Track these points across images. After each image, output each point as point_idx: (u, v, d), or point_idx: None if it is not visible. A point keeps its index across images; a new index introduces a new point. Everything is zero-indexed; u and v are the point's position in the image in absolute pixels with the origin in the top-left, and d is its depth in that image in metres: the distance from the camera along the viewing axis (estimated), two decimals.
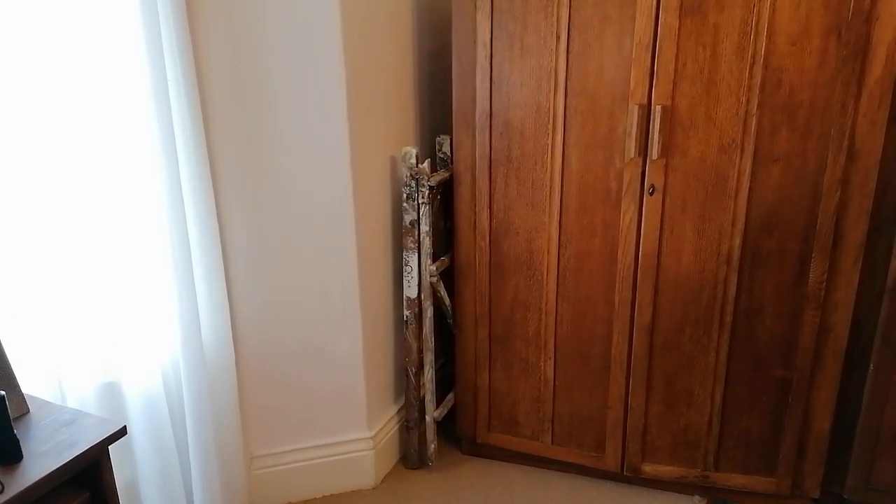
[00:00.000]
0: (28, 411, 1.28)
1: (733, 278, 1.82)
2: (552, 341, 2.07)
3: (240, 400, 1.98)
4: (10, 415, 1.16)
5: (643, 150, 1.80)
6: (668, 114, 1.75)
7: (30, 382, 1.52)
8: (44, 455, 1.14)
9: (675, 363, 1.94)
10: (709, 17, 1.67)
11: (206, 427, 1.84)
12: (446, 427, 2.37)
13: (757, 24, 1.64)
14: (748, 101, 1.69)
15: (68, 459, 1.13)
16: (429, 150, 2.32)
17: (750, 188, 1.75)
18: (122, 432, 1.22)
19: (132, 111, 1.60)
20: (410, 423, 2.27)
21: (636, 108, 1.76)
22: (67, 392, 1.63)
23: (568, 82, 1.83)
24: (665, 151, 1.78)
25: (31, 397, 1.32)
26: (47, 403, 1.31)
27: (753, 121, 1.70)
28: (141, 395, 1.76)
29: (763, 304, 1.82)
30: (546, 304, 2.04)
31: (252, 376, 2.02)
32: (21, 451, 1.13)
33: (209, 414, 1.84)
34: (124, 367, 1.72)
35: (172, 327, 1.76)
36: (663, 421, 2.01)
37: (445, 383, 2.41)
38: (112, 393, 1.73)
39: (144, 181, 1.65)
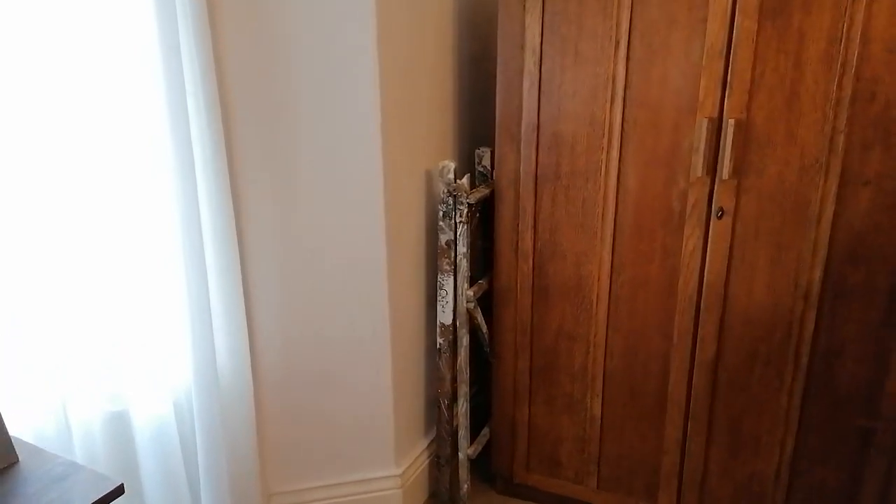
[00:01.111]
0: (17, 461, 1.13)
1: (811, 314, 1.61)
2: (600, 376, 1.87)
3: (258, 432, 1.82)
4: None
5: (712, 168, 1.60)
6: (743, 128, 1.56)
7: (34, 411, 1.41)
8: None
9: (740, 406, 1.74)
10: (793, 20, 1.47)
11: (220, 460, 1.69)
12: (480, 463, 2.19)
13: (849, 29, 1.44)
14: (835, 116, 1.49)
15: None
16: (468, 163, 2.14)
17: (834, 214, 1.54)
18: (120, 491, 1.05)
19: (147, 123, 1.46)
20: (442, 459, 2.09)
21: (705, 121, 1.57)
22: (73, 421, 1.50)
23: (627, 92, 1.64)
24: (737, 171, 1.58)
25: (21, 443, 1.17)
26: (39, 451, 1.15)
27: (841, 138, 1.49)
28: (151, 426, 1.62)
29: (845, 343, 1.61)
30: (595, 336, 1.85)
31: (272, 407, 1.86)
32: None
33: (223, 446, 1.69)
34: (134, 396, 1.58)
35: (185, 353, 1.61)
36: (725, 469, 1.80)
37: (480, 414, 2.22)
38: (120, 423, 1.60)
39: (159, 198, 1.52)
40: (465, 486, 2.08)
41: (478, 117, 2.17)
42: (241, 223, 1.68)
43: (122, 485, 1.05)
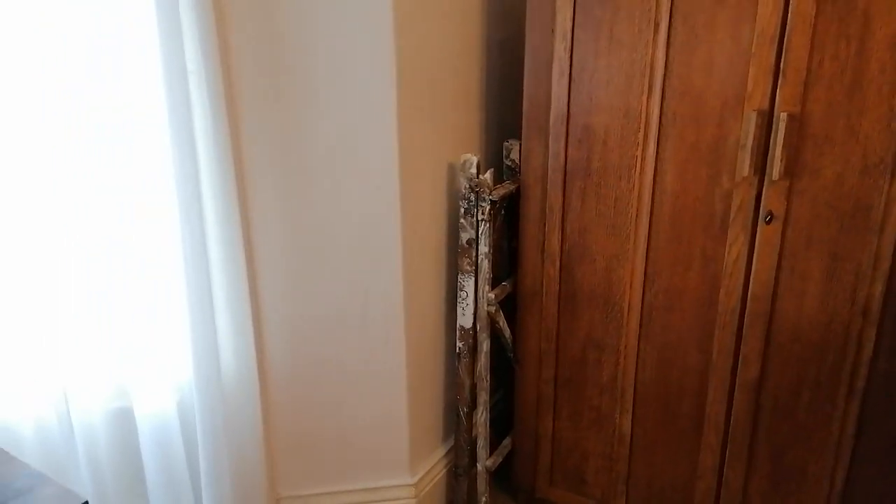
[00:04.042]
0: None
1: (870, 333, 1.43)
2: (631, 391, 1.73)
3: (265, 434, 1.74)
4: None
5: (760, 167, 1.43)
6: (797, 123, 1.38)
7: (35, 404, 1.39)
8: None
9: (786, 433, 1.57)
10: (857, 2, 1.29)
11: (221, 460, 1.63)
12: (501, 475, 2.07)
13: None
14: None
15: None
16: (494, 157, 2.01)
17: None
18: None
19: (138, 104, 1.39)
20: (459, 469, 1.98)
21: (754, 114, 1.40)
22: (74, 416, 1.46)
23: (666, 81, 1.48)
24: (790, 171, 1.41)
25: None
26: (10, 459, 1.08)
27: None
28: (154, 423, 1.57)
29: None
30: (626, 347, 1.70)
31: (280, 408, 1.78)
32: None
33: (225, 446, 1.63)
34: (136, 391, 1.53)
35: (187, 350, 1.54)
36: (766, 500, 1.64)
37: (501, 423, 2.10)
38: (123, 419, 1.56)
39: (161, 189, 1.45)
40: (484, 498, 1.97)
41: (507, 107, 2.03)
42: (247, 216, 1.60)
43: (87, 502, 0.97)
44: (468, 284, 1.81)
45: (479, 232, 1.76)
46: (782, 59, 1.36)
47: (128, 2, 1.33)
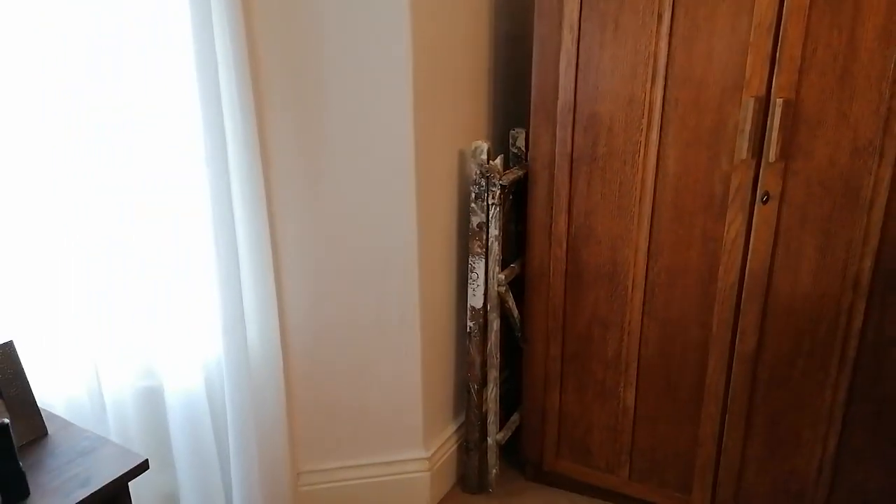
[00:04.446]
0: (46, 433, 1.14)
1: (861, 305, 1.53)
2: (634, 365, 1.82)
3: (287, 410, 1.82)
4: (22, 440, 1.01)
5: (757, 150, 1.53)
6: (791, 108, 1.47)
7: (67, 383, 1.43)
8: (54, 492, 0.99)
9: (781, 401, 1.67)
10: None
11: (250, 437, 1.70)
12: (510, 449, 2.16)
13: None
14: (892, 96, 1.40)
15: (80, 499, 0.98)
16: (502, 144, 2.09)
17: (888, 200, 1.45)
18: (144, 466, 1.06)
19: (179, 102, 1.45)
20: (470, 443, 2.07)
21: (752, 100, 1.49)
22: (106, 394, 1.52)
23: (669, 69, 1.57)
24: (785, 153, 1.50)
25: (52, 416, 1.18)
26: (68, 424, 1.16)
27: None
28: (182, 400, 1.64)
29: (895, 338, 1.53)
30: (629, 324, 1.79)
31: (301, 386, 1.86)
32: (27, 487, 0.99)
33: (253, 423, 1.70)
34: (165, 370, 1.59)
35: (216, 329, 1.62)
36: (763, 465, 1.74)
37: (510, 399, 2.19)
38: (152, 396, 1.62)
39: (191, 175, 1.51)
40: (494, 471, 2.06)
41: (513, 97, 2.12)
42: (272, 202, 1.67)
43: (147, 460, 1.05)
44: (479, 266, 1.89)
45: (490, 216, 1.84)
46: (778, 49, 1.45)
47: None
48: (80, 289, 1.43)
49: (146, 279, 1.52)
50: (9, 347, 1.12)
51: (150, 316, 1.56)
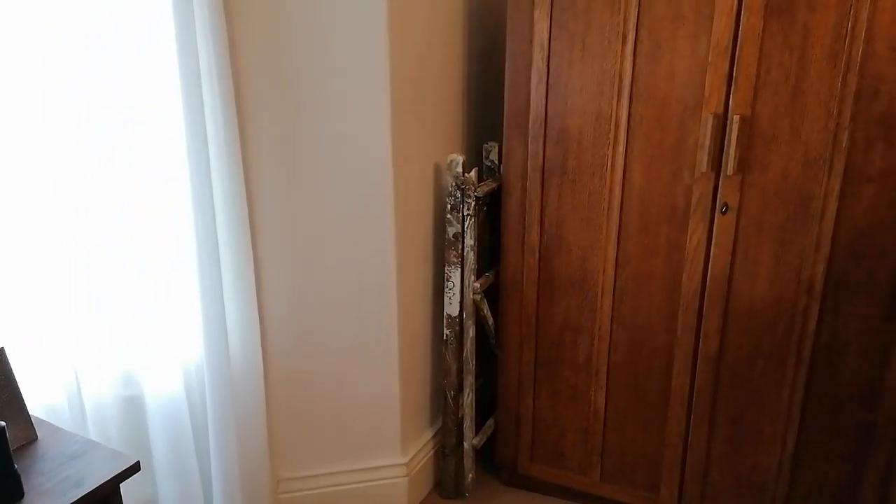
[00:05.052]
0: (36, 438, 1.17)
1: (814, 309, 1.63)
2: (604, 369, 1.90)
3: (267, 418, 1.85)
4: (13, 445, 1.04)
5: (716, 164, 1.62)
6: (748, 125, 1.57)
7: (48, 390, 1.43)
8: (48, 493, 1.02)
9: (743, 400, 1.76)
10: (798, 17, 1.49)
11: (230, 444, 1.73)
12: (485, 453, 2.22)
13: (853, 27, 1.45)
14: (839, 113, 1.50)
15: (74, 500, 1.01)
16: (476, 157, 2.17)
17: (838, 210, 1.56)
18: (135, 468, 1.09)
19: (162, 107, 1.49)
20: (447, 448, 2.12)
21: (710, 117, 1.59)
22: (86, 400, 1.54)
23: (633, 87, 1.66)
24: (742, 166, 1.60)
25: (40, 421, 1.21)
26: (57, 430, 1.19)
27: (845, 135, 1.51)
28: (163, 407, 1.66)
29: (847, 339, 1.63)
30: (599, 329, 1.87)
31: (280, 393, 1.89)
32: (22, 488, 1.02)
33: (233, 430, 1.73)
34: (145, 375, 1.62)
35: (197, 335, 1.65)
36: (727, 462, 1.83)
37: (485, 405, 2.25)
38: (132, 402, 1.64)
39: (171, 178, 1.54)
40: (470, 475, 2.11)
41: (486, 112, 2.20)
42: (253, 213, 1.71)
43: (138, 462, 1.09)
44: (455, 275, 1.96)
45: (465, 226, 1.91)
46: (735, 69, 1.55)
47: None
48: (60, 294, 1.43)
49: (127, 284, 1.54)
50: (1, 354, 1.14)
51: (130, 322, 1.57)
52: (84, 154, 1.40)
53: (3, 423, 0.97)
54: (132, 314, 1.57)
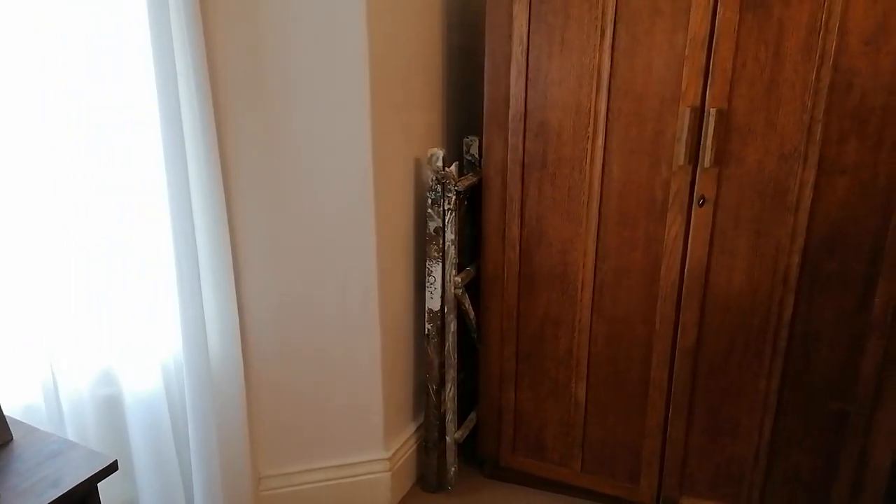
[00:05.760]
0: (11, 439, 1.15)
1: (790, 300, 1.65)
2: (585, 362, 1.91)
3: (248, 414, 1.84)
4: None
5: (694, 157, 1.64)
6: (724, 118, 1.59)
7: (24, 390, 1.41)
8: (24, 494, 1.01)
9: (720, 390, 1.78)
10: (773, 11, 1.50)
11: (211, 442, 1.72)
12: (467, 447, 2.23)
13: (827, 21, 1.47)
14: (814, 106, 1.52)
15: (51, 500, 0.99)
16: (456, 151, 2.17)
17: (812, 202, 1.58)
18: (113, 467, 1.08)
19: (137, 104, 1.47)
20: (429, 443, 2.12)
21: (688, 110, 1.60)
22: (63, 398, 1.51)
23: (612, 81, 1.67)
24: (718, 159, 1.62)
25: (16, 422, 1.19)
26: (33, 430, 1.17)
27: (819, 128, 1.53)
28: (141, 404, 1.64)
29: (821, 329, 1.65)
30: (579, 322, 1.88)
31: (262, 390, 1.89)
32: None
33: (214, 428, 1.72)
34: (123, 373, 1.59)
35: (176, 332, 1.64)
36: (705, 452, 1.85)
37: (467, 400, 2.26)
38: (110, 400, 1.61)
39: (148, 172, 1.52)
40: (453, 469, 2.12)
41: (466, 107, 2.20)
42: (232, 208, 1.70)
43: (116, 461, 1.08)
44: (436, 270, 1.96)
45: (446, 221, 1.91)
46: (711, 62, 1.57)
47: (127, 2, 1.38)
48: (36, 292, 1.41)
49: (103, 281, 1.51)
50: None
51: (108, 320, 1.55)
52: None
53: None
54: (110, 312, 1.55)
